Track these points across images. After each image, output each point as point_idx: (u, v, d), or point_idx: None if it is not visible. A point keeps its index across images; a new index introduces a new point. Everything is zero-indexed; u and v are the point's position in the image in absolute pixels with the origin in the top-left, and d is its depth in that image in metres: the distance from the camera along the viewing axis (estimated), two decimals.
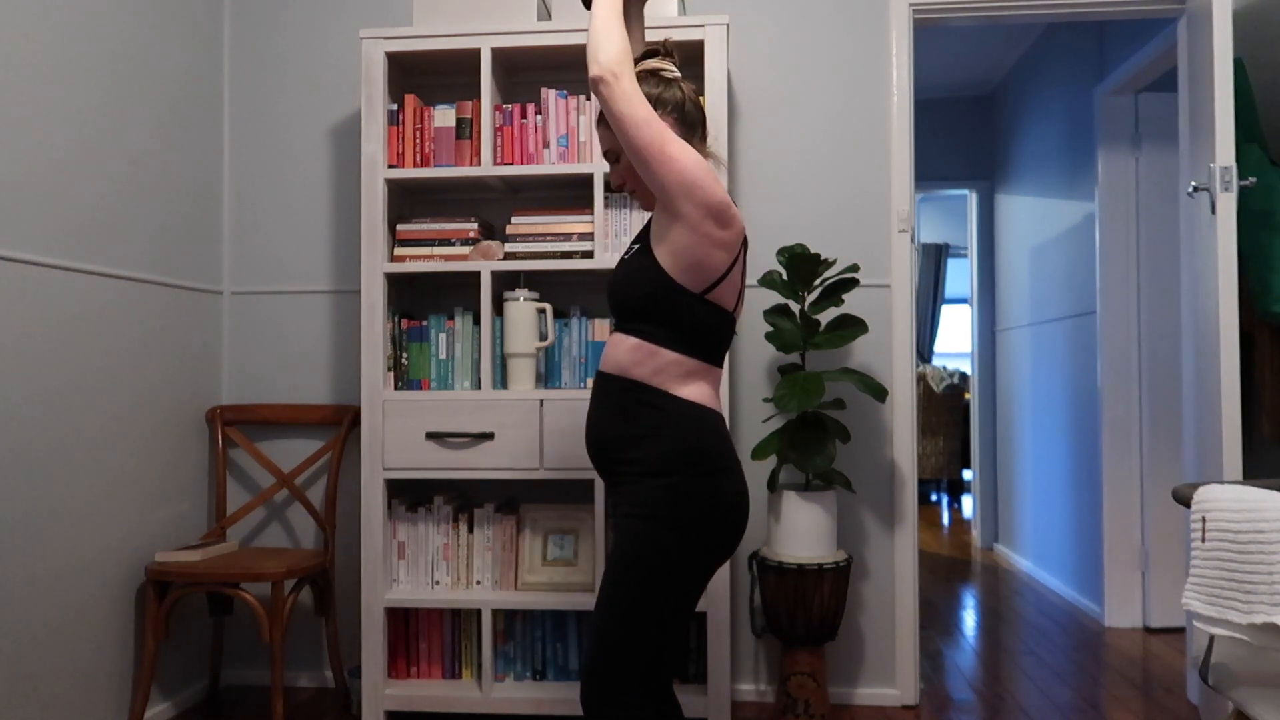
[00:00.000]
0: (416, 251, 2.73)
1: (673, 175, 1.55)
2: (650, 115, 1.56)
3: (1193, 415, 2.74)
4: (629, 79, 1.55)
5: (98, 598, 2.48)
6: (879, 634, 2.90)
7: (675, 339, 1.61)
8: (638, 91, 1.56)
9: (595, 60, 1.55)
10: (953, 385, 7.00)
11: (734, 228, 1.60)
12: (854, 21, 2.95)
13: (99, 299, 2.50)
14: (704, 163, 1.58)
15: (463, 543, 2.72)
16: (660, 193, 1.57)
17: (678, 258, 1.59)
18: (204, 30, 3.01)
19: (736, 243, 1.62)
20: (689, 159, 1.56)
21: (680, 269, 1.59)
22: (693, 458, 1.57)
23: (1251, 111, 2.72)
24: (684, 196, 1.55)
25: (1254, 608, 1.60)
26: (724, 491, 1.59)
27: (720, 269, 1.60)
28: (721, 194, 1.58)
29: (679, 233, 1.58)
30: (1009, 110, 5.20)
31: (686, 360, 1.62)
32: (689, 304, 1.60)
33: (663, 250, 1.60)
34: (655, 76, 1.70)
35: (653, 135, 1.55)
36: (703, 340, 1.63)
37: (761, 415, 2.94)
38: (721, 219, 1.58)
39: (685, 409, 1.60)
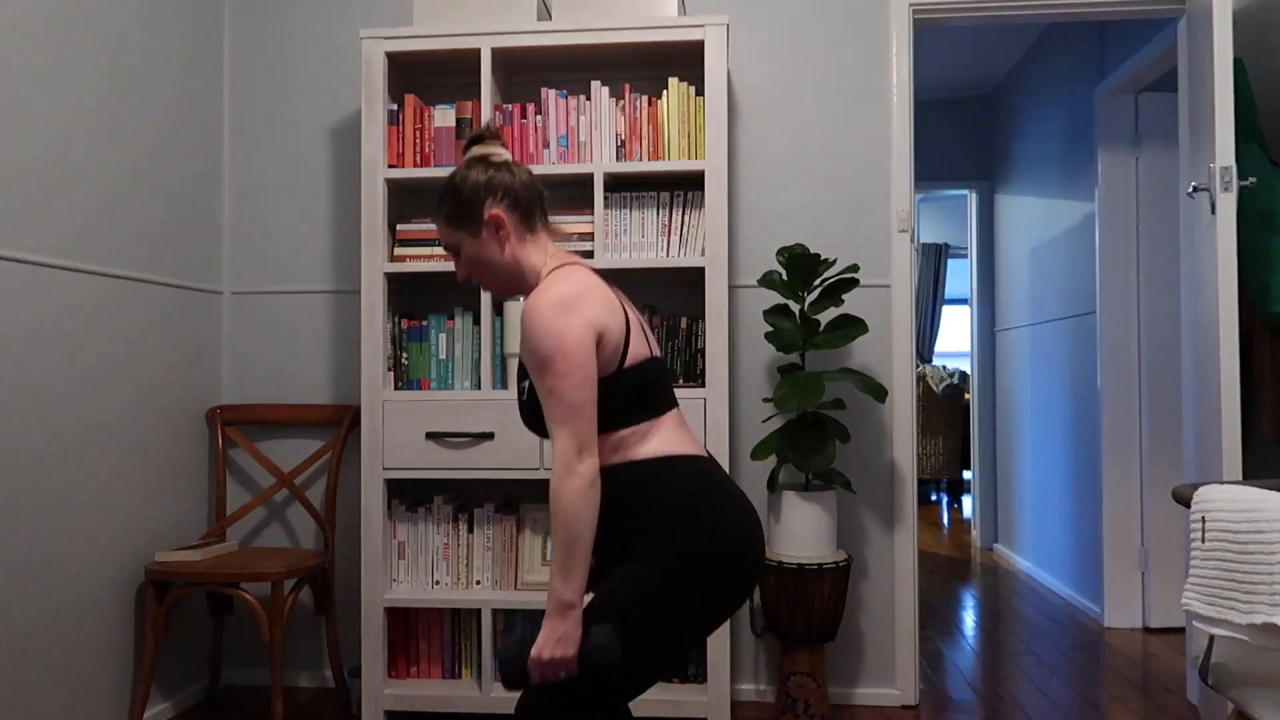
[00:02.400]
0: (416, 251, 2.73)
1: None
2: (570, 406, 1.47)
3: (1193, 415, 2.74)
4: (586, 470, 1.47)
5: (98, 598, 2.48)
6: (879, 634, 2.90)
7: (615, 421, 1.56)
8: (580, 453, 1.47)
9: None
10: (953, 385, 7.00)
11: (609, 331, 1.53)
12: (854, 21, 2.95)
13: (99, 299, 2.50)
14: (584, 371, 1.47)
15: (463, 543, 2.72)
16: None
17: None
18: (204, 30, 3.01)
19: (615, 321, 1.54)
20: (583, 391, 1.48)
21: None
22: (680, 510, 1.52)
23: (1251, 111, 2.72)
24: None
25: (1254, 608, 1.60)
26: (723, 534, 1.53)
27: (618, 348, 1.54)
28: (586, 359, 1.48)
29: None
30: (1009, 110, 5.20)
31: (636, 428, 1.56)
32: (611, 389, 1.54)
33: None
34: (484, 163, 1.65)
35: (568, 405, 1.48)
36: (640, 402, 1.57)
37: (761, 415, 2.94)
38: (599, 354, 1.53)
39: (658, 466, 1.55)
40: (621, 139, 2.68)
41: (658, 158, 2.66)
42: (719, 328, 2.56)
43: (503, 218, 1.61)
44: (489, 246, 1.63)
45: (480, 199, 1.61)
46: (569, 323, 1.47)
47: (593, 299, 1.52)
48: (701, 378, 2.71)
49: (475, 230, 1.62)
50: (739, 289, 2.96)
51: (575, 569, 1.44)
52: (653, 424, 1.58)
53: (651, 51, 2.75)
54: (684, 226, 2.69)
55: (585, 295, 1.52)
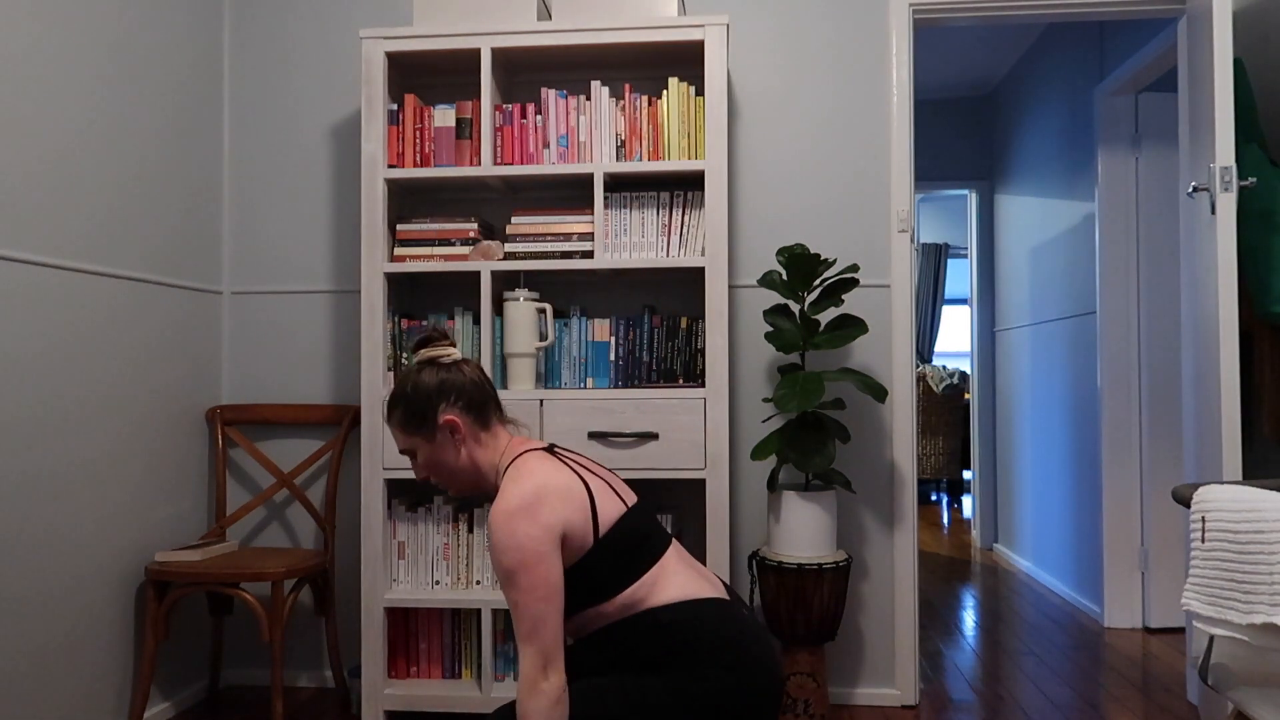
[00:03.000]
0: (416, 251, 2.73)
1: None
2: (536, 617, 1.48)
3: (1192, 415, 2.74)
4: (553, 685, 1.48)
5: (98, 597, 2.48)
6: (879, 634, 2.90)
7: (617, 583, 1.56)
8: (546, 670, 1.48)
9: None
10: (953, 385, 7.00)
11: (572, 524, 1.54)
12: (854, 21, 2.95)
13: (99, 299, 2.50)
14: (547, 585, 1.48)
15: (463, 542, 2.72)
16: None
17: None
18: (204, 30, 3.01)
19: (576, 509, 1.55)
20: (546, 605, 1.49)
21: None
22: (704, 654, 1.52)
23: (1251, 111, 2.72)
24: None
25: (1254, 608, 1.60)
26: (750, 679, 1.53)
27: (586, 526, 1.55)
28: (548, 571, 1.49)
29: None
30: (1009, 110, 5.20)
31: (643, 580, 1.57)
32: (598, 561, 1.55)
33: None
34: (433, 365, 1.67)
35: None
36: (634, 556, 1.57)
37: (761, 415, 2.94)
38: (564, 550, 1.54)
39: (680, 610, 1.55)
40: (621, 139, 2.68)
41: (658, 158, 2.66)
42: (719, 328, 2.56)
43: (457, 422, 1.63)
44: (445, 450, 1.65)
45: (434, 404, 1.63)
46: (529, 531, 1.48)
47: (549, 497, 1.53)
48: (701, 378, 2.71)
49: (430, 435, 1.64)
50: (739, 289, 2.96)
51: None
52: (657, 570, 1.59)
53: (651, 51, 2.75)
54: (684, 226, 2.69)
55: (541, 495, 1.52)
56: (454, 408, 1.64)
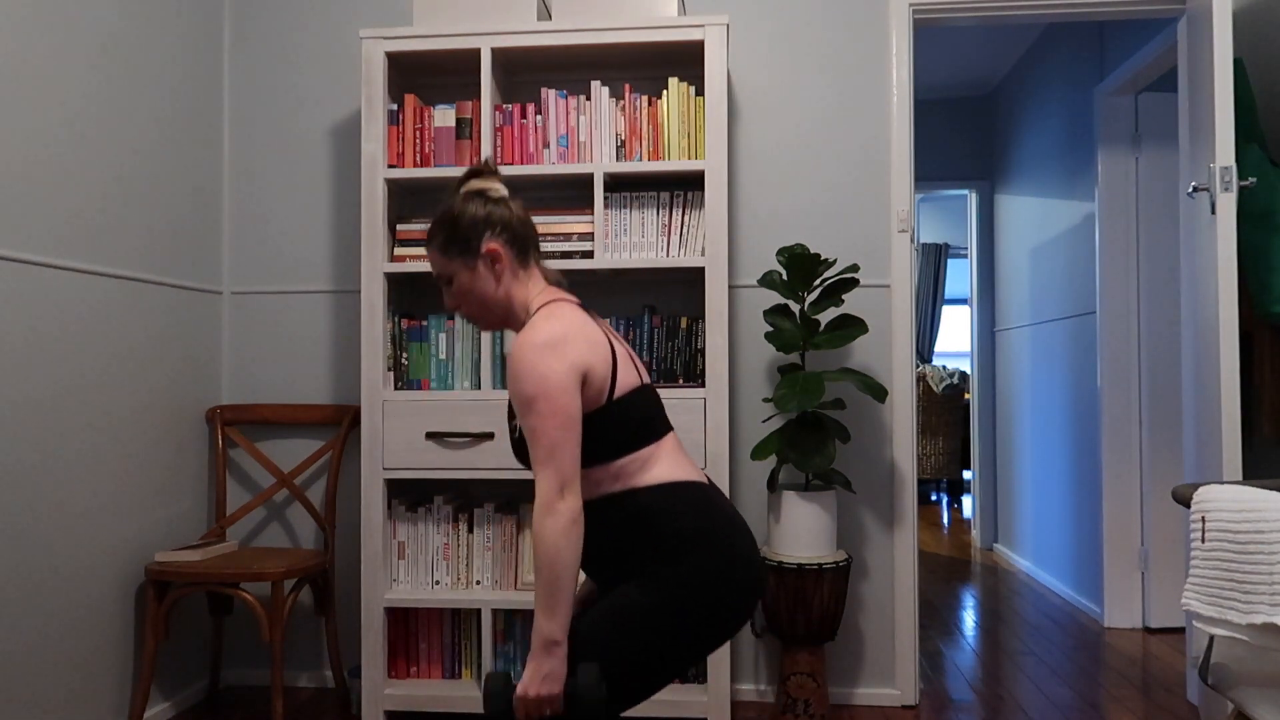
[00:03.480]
0: (417, 251, 2.73)
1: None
2: (555, 441, 1.48)
3: (1192, 415, 2.74)
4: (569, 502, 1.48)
5: (98, 598, 2.48)
6: (879, 634, 2.90)
7: (614, 449, 1.56)
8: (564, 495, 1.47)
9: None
10: (953, 385, 7.00)
11: (595, 370, 1.54)
12: (854, 21, 2.95)
13: (99, 299, 2.50)
14: (566, 413, 1.48)
15: (463, 543, 2.72)
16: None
17: None
18: (204, 30, 3.01)
19: (600, 358, 1.55)
20: (565, 432, 1.49)
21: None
22: (687, 538, 1.52)
23: (1251, 111, 2.72)
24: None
25: (1254, 608, 1.60)
26: (728, 565, 1.54)
27: (605, 382, 1.55)
28: (569, 402, 1.49)
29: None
30: (1009, 110, 5.20)
31: (635, 455, 1.57)
32: (603, 421, 1.55)
33: None
34: (481, 197, 1.65)
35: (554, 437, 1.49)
36: (635, 430, 1.58)
37: (761, 415, 2.94)
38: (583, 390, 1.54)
39: (662, 493, 1.55)
40: (621, 139, 2.68)
41: (658, 158, 2.66)
42: (719, 328, 2.56)
43: (500, 252, 1.62)
44: (483, 279, 1.64)
45: (479, 232, 1.62)
46: (553, 365, 1.49)
47: (578, 340, 1.53)
48: (701, 378, 2.71)
49: (471, 262, 1.63)
50: (739, 289, 2.96)
51: (559, 607, 1.45)
52: (652, 450, 1.59)
53: (651, 51, 2.75)
54: (684, 226, 2.69)
55: (570, 336, 1.53)
56: (498, 239, 1.63)
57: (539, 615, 1.46)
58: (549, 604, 1.45)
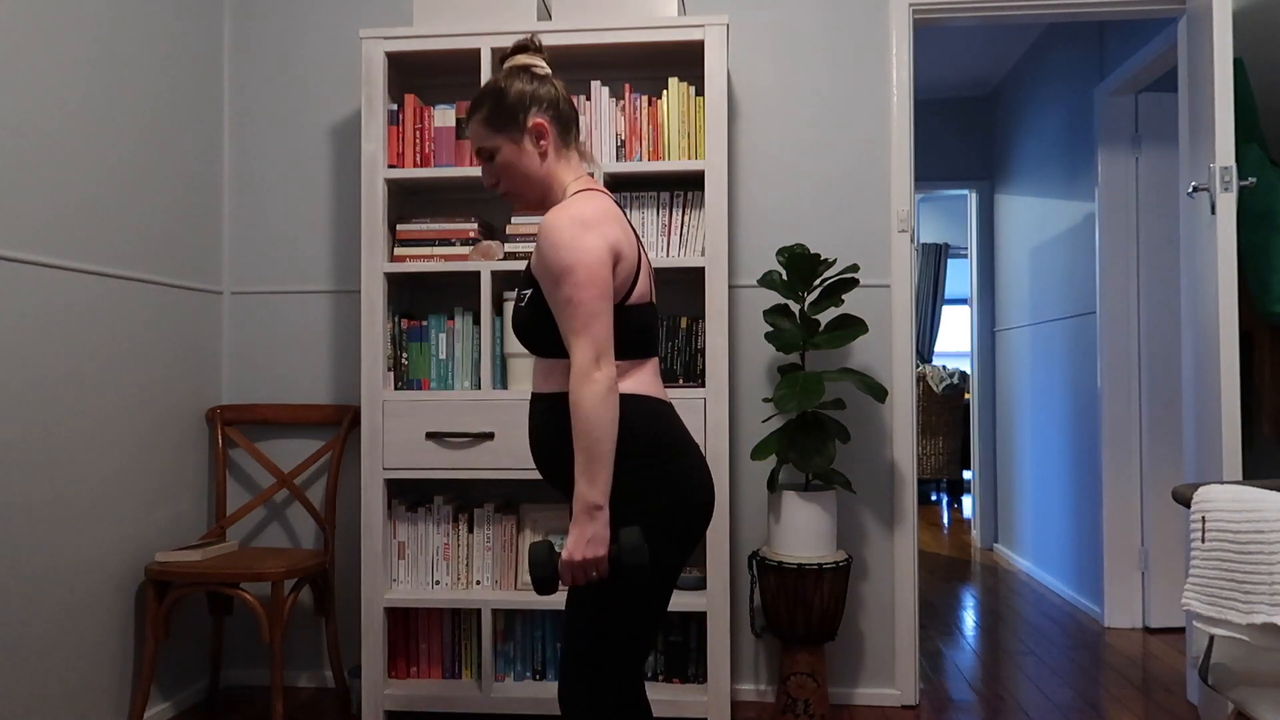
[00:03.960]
0: (416, 251, 2.73)
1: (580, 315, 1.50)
2: (589, 314, 1.47)
3: (1193, 415, 2.74)
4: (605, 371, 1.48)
5: (98, 598, 2.48)
6: (879, 634, 2.90)
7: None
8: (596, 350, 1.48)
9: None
10: (953, 385, 7.00)
11: (624, 259, 1.54)
12: (854, 21, 2.95)
13: (99, 299, 2.50)
14: (603, 284, 1.49)
15: (463, 543, 2.72)
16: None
17: None
18: (204, 29, 3.01)
19: (631, 252, 1.56)
20: (602, 302, 1.49)
21: None
22: (642, 448, 1.54)
23: (1251, 112, 2.72)
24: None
25: (1254, 608, 1.60)
26: (680, 479, 1.56)
27: (628, 280, 1.56)
28: (606, 275, 1.49)
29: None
30: (1009, 110, 5.20)
31: (620, 364, 1.58)
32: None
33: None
34: (527, 73, 1.64)
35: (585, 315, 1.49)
36: (630, 341, 1.59)
37: (761, 415, 2.94)
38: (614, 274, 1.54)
39: (629, 403, 1.56)
40: (621, 139, 2.68)
41: (658, 158, 2.66)
42: (719, 328, 2.56)
43: (545, 127, 1.61)
44: (527, 155, 1.62)
45: (525, 106, 1.61)
46: (590, 239, 1.49)
47: (614, 224, 1.54)
48: (701, 378, 2.71)
49: (516, 136, 1.62)
50: (739, 289, 2.96)
51: (599, 472, 1.46)
52: (635, 365, 1.60)
53: (651, 51, 2.75)
54: (684, 226, 2.69)
55: (607, 218, 1.54)
56: (545, 114, 1.62)
57: (580, 482, 1.46)
58: (589, 470, 1.45)
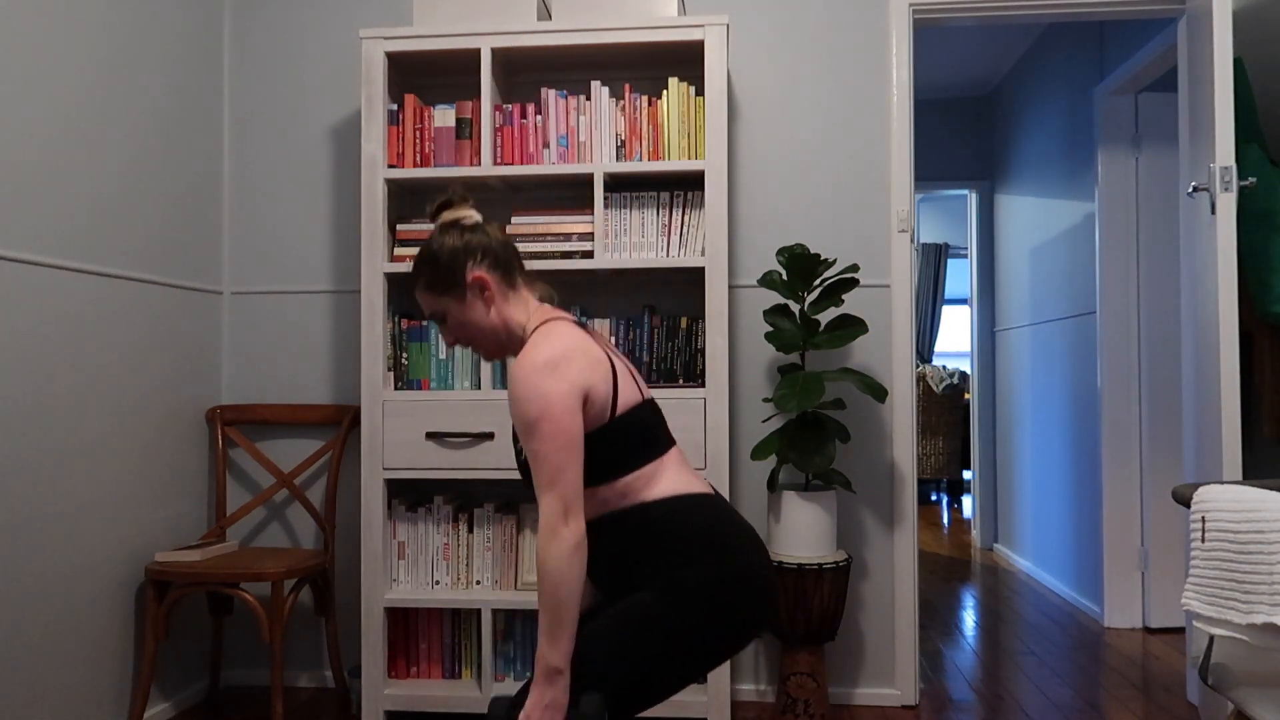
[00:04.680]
0: (416, 251, 2.72)
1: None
2: (557, 466, 1.46)
3: (1193, 415, 2.74)
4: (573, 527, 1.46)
5: (98, 598, 2.48)
6: (879, 634, 2.90)
7: (618, 468, 1.55)
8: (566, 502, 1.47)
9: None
10: (953, 385, 7.00)
11: (595, 387, 1.53)
12: (854, 21, 2.95)
13: (98, 299, 2.50)
14: (569, 435, 1.47)
15: (463, 543, 2.72)
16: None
17: None
18: (204, 29, 3.01)
19: (600, 371, 1.54)
20: (568, 454, 1.48)
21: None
22: (695, 548, 1.52)
23: (1251, 112, 2.72)
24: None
25: (1254, 608, 1.60)
26: (739, 574, 1.53)
27: (607, 399, 1.54)
28: (571, 423, 1.47)
29: None
30: (1009, 110, 5.20)
31: (641, 471, 1.56)
32: (607, 438, 1.54)
33: None
34: (457, 228, 1.65)
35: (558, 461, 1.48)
36: (639, 447, 1.57)
37: (761, 415, 2.94)
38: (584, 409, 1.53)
39: (668, 506, 1.54)
40: (621, 139, 2.68)
41: (658, 158, 2.66)
42: (719, 328, 2.56)
43: (486, 279, 1.62)
44: (474, 309, 1.63)
45: (461, 263, 1.61)
46: (554, 386, 1.48)
47: (577, 359, 1.52)
48: (701, 378, 2.71)
49: (460, 294, 1.63)
50: (739, 289, 2.96)
51: (562, 634, 1.43)
52: (657, 465, 1.59)
53: (651, 51, 2.75)
54: (684, 226, 2.69)
55: (570, 356, 1.51)
56: (481, 266, 1.63)
57: (542, 642, 1.44)
58: (552, 631, 1.43)
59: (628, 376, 1.62)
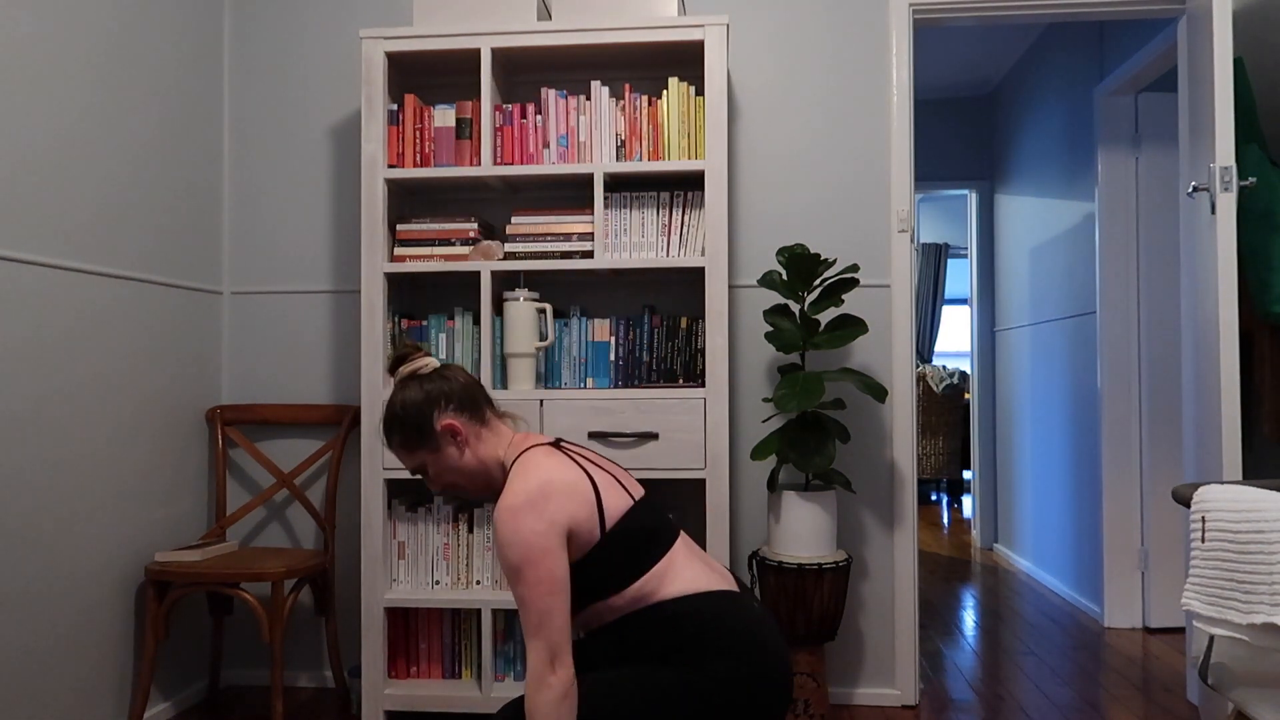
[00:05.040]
0: (416, 251, 2.73)
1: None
2: (540, 609, 1.48)
3: (1192, 415, 2.74)
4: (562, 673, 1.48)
5: (98, 598, 2.48)
6: (879, 634, 2.90)
7: (625, 577, 1.56)
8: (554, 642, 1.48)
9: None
10: (953, 385, 7.00)
11: (577, 516, 1.53)
12: (854, 21, 2.95)
13: (98, 299, 2.50)
14: (552, 579, 1.48)
15: (463, 543, 2.72)
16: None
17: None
18: (204, 30, 3.01)
19: (579, 499, 1.54)
20: (553, 599, 1.49)
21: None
22: (715, 645, 1.51)
23: (1251, 111, 2.72)
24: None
25: (1254, 608, 1.60)
26: (766, 674, 1.52)
27: (593, 518, 1.55)
28: (553, 564, 1.49)
29: None
30: (1009, 110, 5.20)
31: (652, 572, 1.57)
32: (605, 554, 1.55)
33: None
34: (415, 381, 1.66)
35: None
36: (642, 550, 1.57)
37: (761, 415, 2.94)
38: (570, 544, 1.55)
39: (687, 602, 1.54)
40: (621, 139, 2.68)
41: (658, 158, 2.66)
42: (719, 328, 2.56)
43: (455, 424, 1.63)
44: (450, 455, 1.65)
45: (427, 415, 1.63)
46: (533, 526, 1.49)
47: (554, 493, 1.52)
48: (701, 378, 2.71)
49: (433, 445, 1.65)
50: (739, 289, 2.96)
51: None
52: (666, 562, 1.59)
53: (651, 51, 2.75)
54: (684, 226, 2.69)
55: (547, 491, 1.52)
56: (447, 412, 1.65)
57: None
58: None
59: (612, 486, 1.61)
